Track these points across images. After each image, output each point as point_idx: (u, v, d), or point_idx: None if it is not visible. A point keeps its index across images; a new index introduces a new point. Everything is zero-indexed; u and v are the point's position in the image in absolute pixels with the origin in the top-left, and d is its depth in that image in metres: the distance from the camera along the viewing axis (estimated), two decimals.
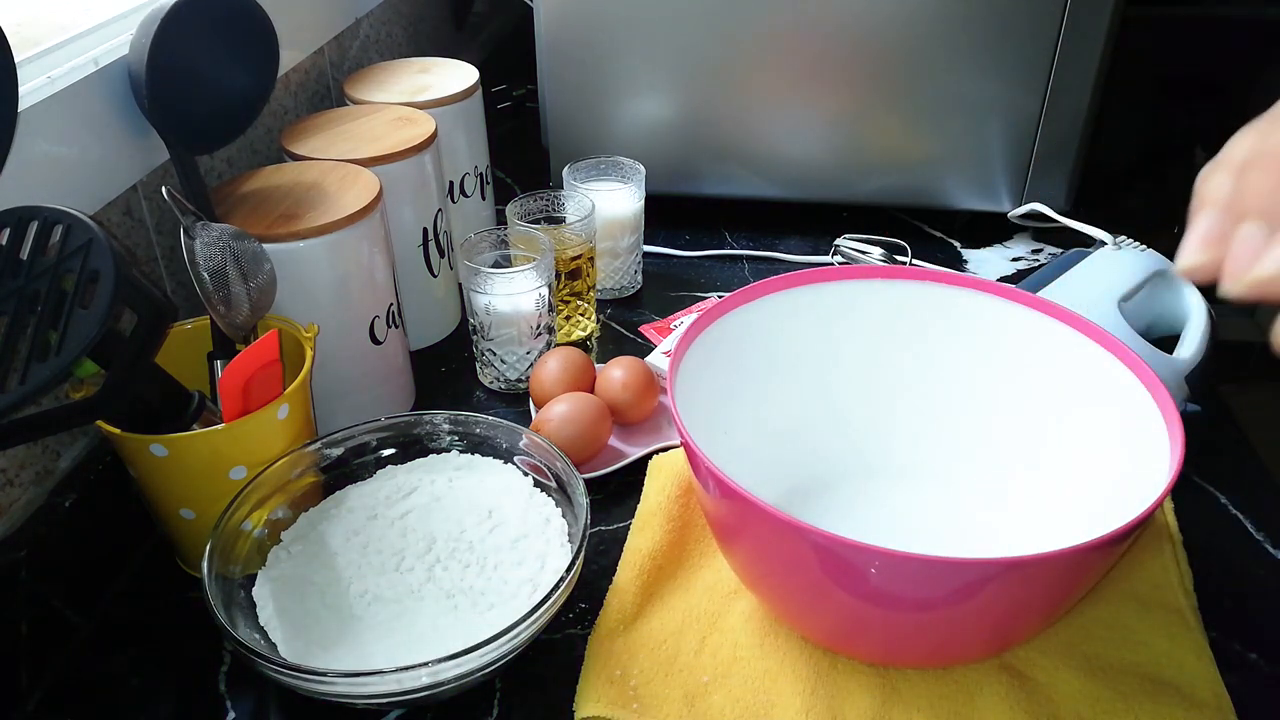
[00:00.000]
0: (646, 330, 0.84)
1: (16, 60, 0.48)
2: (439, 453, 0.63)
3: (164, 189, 0.57)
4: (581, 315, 0.83)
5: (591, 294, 0.83)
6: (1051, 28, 0.84)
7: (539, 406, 0.70)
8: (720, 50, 0.89)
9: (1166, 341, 0.72)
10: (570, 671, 0.53)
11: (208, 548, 0.52)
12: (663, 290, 0.90)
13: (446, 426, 0.63)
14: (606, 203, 0.83)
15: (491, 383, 0.77)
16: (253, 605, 0.54)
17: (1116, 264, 0.75)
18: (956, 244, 0.96)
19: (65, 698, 0.53)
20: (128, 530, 0.61)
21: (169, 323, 0.51)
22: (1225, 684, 0.51)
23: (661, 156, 0.94)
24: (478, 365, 0.78)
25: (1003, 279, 0.90)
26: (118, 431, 0.53)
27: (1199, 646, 0.53)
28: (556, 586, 0.50)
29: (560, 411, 0.66)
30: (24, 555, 0.53)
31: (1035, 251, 0.95)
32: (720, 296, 0.73)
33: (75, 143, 0.58)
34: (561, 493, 0.59)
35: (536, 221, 0.82)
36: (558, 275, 0.78)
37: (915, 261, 0.89)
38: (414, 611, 0.54)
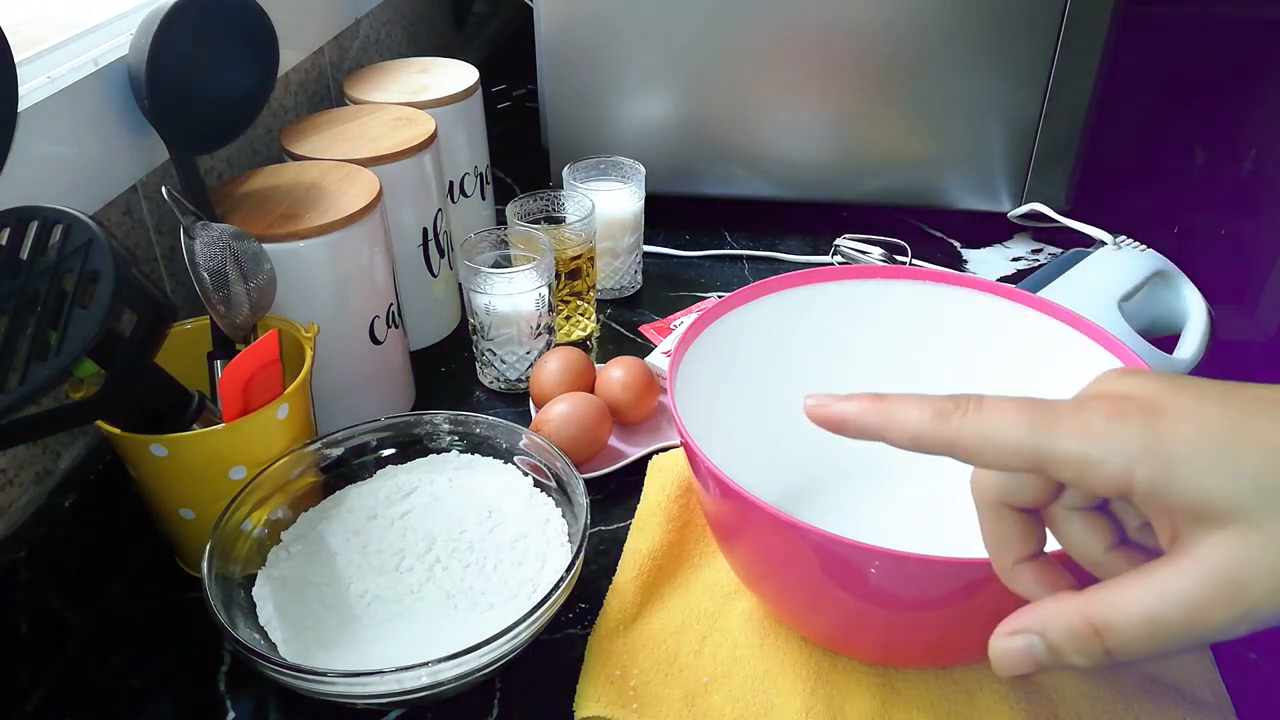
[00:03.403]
0: (646, 330, 0.84)
1: (16, 60, 0.48)
2: (439, 453, 0.63)
3: (164, 189, 0.57)
4: (581, 315, 0.83)
5: (591, 294, 0.83)
6: (1051, 28, 0.84)
7: (539, 406, 0.70)
8: (720, 50, 0.89)
9: (1166, 341, 0.72)
10: (570, 671, 0.53)
11: (208, 548, 0.52)
12: (663, 290, 0.90)
13: (446, 426, 0.63)
14: (606, 203, 0.83)
15: (491, 383, 0.77)
16: (253, 605, 0.54)
17: (1116, 264, 0.75)
18: (956, 244, 0.96)
19: (65, 698, 0.53)
20: (128, 530, 0.61)
21: (169, 323, 0.51)
22: (1225, 684, 0.51)
23: (661, 156, 0.94)
24: (478, 365, 0.78)
25: (1003, 279, 0.90)
26: (118, 431, 0.53)
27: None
28: (556, 586, 0.50)
29: (560, 411, 0.66)
30: (24, 555, 0.53)
31: (1035, 251, 0.95)
32: (720, 296, 0.73)
33: (75, 143, 0.58)
34: (561, 493, 0.59)
35: (536, 221, 0.82)
36: (558, 275, 0.78)
37: (915, 261, 0.89)
38: (414, 611, 0.54)
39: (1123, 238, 0.79)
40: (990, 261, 0.93)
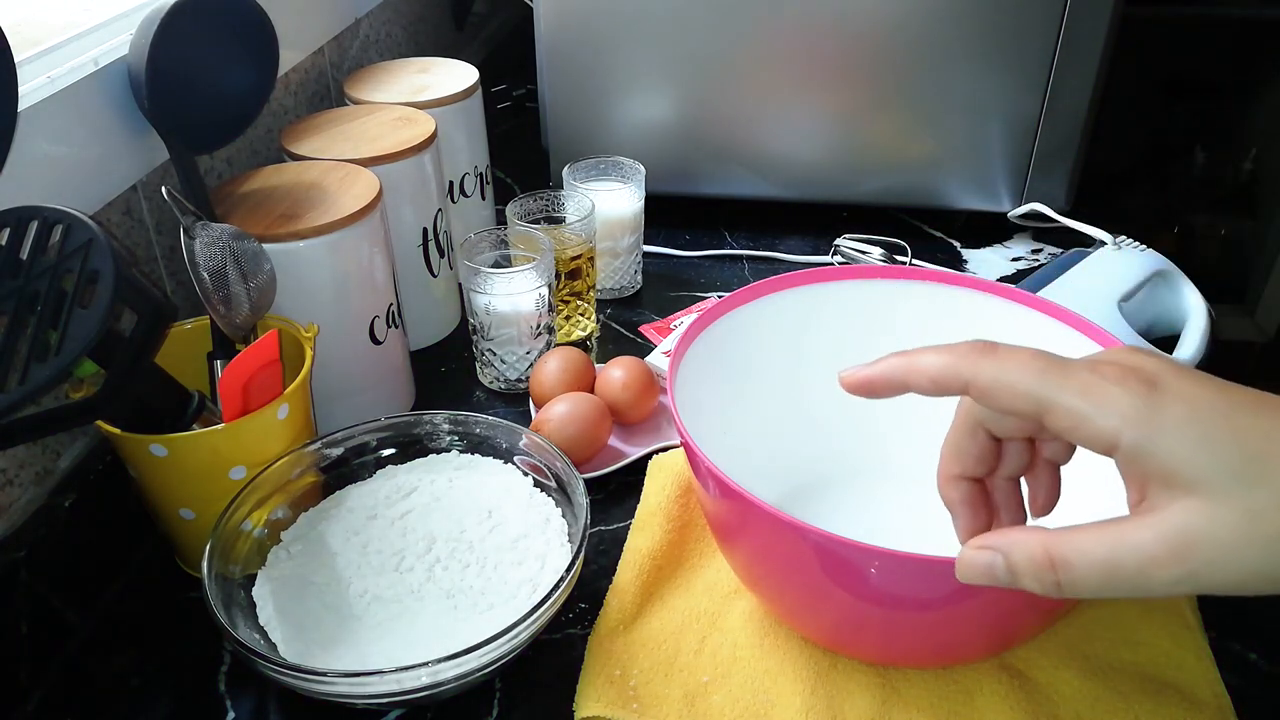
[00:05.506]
0: (646, 330, 0.84)
1: (16, 60, 0.48)
2: (439, 453, 0.63)
3: (164, 189, 0.57)
4: (581, 315, 0.83)
5: (591, 294, 0.83)
6: (1051, 28, 0.84)
7: (539, 406, 0.70)
8: (720, 50, 0.89)
9: (1166, 341, 0.72)
10: (570, 671, 0.53)
11: (208, 548, 0.52)
12: (663, 290, 0.90)
13: (446, 426, 0.63)
14: (606, 203, 0.83)
15: (491, 383, 0.77)
16: (253, 605, 0.54)
17: (1116, 264, 0.75)
18: (956, 244, 0.96)
19: (65, 698, 0.53)
20: (128, 530, 0.61)
21: (169, 323, 0.51)
22: (1225, 684, 0.51)
23: (661, 156, 0.94)
24: (478, 365, 0.78)
25: (1003, 279, 0.90)
26: (118, 431, 0.53)
27: (1199, 646, 0.53)
28: (556, 586, 0.50)
29: (560, 411, 0.66)
30: (24, 555, 0.53)
31: (1035, 251, 0.95)
32: (720, 296, 0.73)
33: (75, 143, 0.58)
34: (561, 493, 0.59)
35: (536, 221, 0.82)
36: (558, 275, 0.78)
37: (915, 261, 0.89)
38: (414, 611, 0.54)
39: (1123, 238, 0.79)
40: (990, 261, 0.93)
